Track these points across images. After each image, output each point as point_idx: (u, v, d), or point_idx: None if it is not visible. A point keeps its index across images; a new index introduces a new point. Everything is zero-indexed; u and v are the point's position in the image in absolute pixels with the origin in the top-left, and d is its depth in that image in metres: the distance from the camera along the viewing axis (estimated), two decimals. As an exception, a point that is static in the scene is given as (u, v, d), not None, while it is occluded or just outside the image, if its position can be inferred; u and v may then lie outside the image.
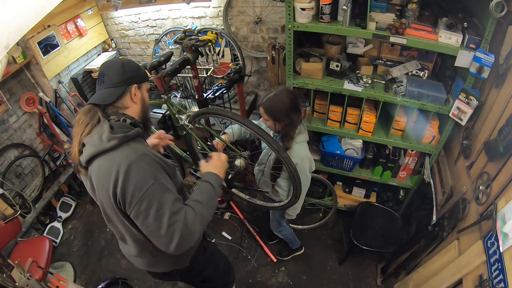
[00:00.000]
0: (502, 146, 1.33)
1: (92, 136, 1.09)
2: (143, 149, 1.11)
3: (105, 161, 1.07)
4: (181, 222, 1.04)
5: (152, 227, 1.04)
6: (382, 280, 2.39)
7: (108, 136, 1.06)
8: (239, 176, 1.90)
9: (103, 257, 2.81)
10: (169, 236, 1.02)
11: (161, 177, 1.07)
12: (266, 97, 1.66)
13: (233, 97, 3.02)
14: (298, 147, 1.72)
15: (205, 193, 1.20)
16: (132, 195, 1.03)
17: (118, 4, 2.91)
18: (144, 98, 1.24)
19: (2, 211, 2.33)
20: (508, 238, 1.16)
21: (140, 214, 1.04)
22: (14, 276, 1.55)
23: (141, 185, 1.03)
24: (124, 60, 1.20)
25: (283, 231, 2.39)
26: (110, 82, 1.15)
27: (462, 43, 1.60)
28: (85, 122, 1.11)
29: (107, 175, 1.05)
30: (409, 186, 2.39)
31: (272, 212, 2.27)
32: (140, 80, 1.21)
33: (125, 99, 1.17)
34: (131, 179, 1.03)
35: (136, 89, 1.19)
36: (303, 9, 1.77)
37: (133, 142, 1.12)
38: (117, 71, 1.15)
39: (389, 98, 1.94)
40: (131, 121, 1.18)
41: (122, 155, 1.06)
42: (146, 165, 1.06)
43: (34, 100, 2.88)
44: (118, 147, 1.07)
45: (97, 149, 1.06)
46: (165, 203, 1.04)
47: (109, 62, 1.20)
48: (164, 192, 1.06)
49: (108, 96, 1.14)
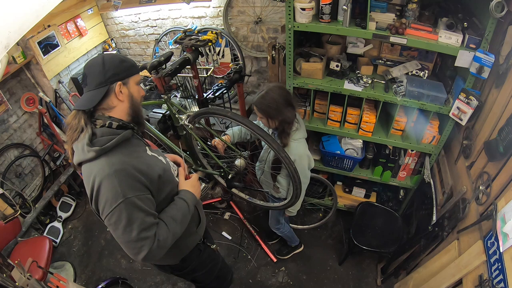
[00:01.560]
0: (502, 146, 1.33)
1: (77, 144, 1.10)
2: (119, 163, 1.07)
3: (86, 170, 1.10)
4: (151, 238, 1.07)
5: (121, 239, 1.08)
6: (382, 280, 2.39)
7: (86, 148, 1.06)
8: (239, 176, 1.90)
9: (103, 257, 2.81)
10: (137, 250, 1.07)
11: (132, 196, 1.05)
12: (258, 95, 1.67)
13: (233, 97, 3.02)
14: (296, 144, 1.72)
15: (180, 211, 1.22)
16: (103, 209, 1.06)
17: (118, 4, 2.91)
18: (131, 94, 1.17)
19: (2, 211, 2.33)
20: (508, 238, 1.16)
21: (109, 225, 1.08)
22: (14, 276, 1.55)
23: (111, 202, 1.04)
24: (106, 56, 1.12)
25: (281, 228, 2.39)
26: (92, 83, 1.09)
27: (462, 43, 1.60)
28: (73, 127, 1.11)
29: (87, 183, 1.09)
30: (409, 186, 2.39)
31: (271, 210, 2.27)
32: (124, 75, 1.13)
33: (110, 99, 1.12)
34: (101, 195, 1.05)
35: (121, 87, 1.12)
36: (303, 9, 1.77)
37: (112, 153, 1.09)
38: (98, 71, 1.09)
39: (389, 98, 1.94)
40: (118, 123, 1.13)
41: (97, 168, 1.06)
42: (117, 182, 1.04)
43: (34, 100, 2.88)
44: (96, 158, 1.07)
45: (79, 158, 1.09)
46: (134, 221, 1.05)
47: (91, 61, 1.12)
48: (134, 210, 1.05)
49: (90, 100, 1.09)
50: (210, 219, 3.03)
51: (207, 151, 1.87)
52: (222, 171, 1.90)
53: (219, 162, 1.88)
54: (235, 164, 1.86)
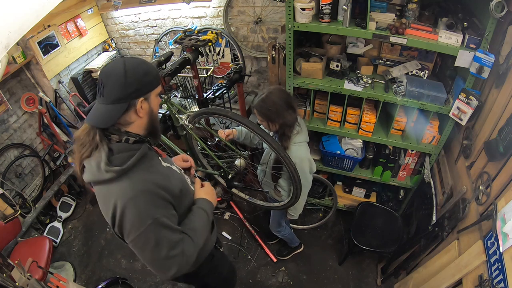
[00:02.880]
0: (502, 146, 1.33)
1: (91, 161, 1.00)
2: (143, 182, 1.00)
3: (103, 191, 1.01)
4: (179, 255, 1.03)
5: (149, 260, 1.03)
6: (382, 280, 2.39)
7: (104, 167, 0.96)
8: (239, 176, 1.90)
9: (103, 257, 2.81)
10: (166, 269, 1.03)
11: (159, 215, 1.00)
12: (258, 98, 1.65)
13: (233, 97, 3.02)
14: (296, 147, 1.71)
15: (201, 221, 1.18)
16: (129, 233, 0.99)
17: (118, 4, 2.91)
18: (152, 109, 1.06)
19: (2, 211, 2.33)
20: (508, 238, 1.16)
21: (136, 248, 1.02)
22: (14, 276, 1.55)
23: (138, 226, 0.97)
24: (128, 65, 0.97)
25: (282, 231, 2.39)
26: (110, 97, 0.96)
27: (462, 43, 1.60)
28: (84, 143, 1.00)
29: (105, 205, 1.01)
30: (409, 186, 2.39)
31: (272, 213, 2.27)
32: (147, 90, 1.02)
33: (128, 115, 1.01)
34: (126, 220, 0.98)
35: (142, 103, 1.00)
36: (303, 9, 1.77)
37: (134, 172, 1.01)
38: (118, 84, 0.95)
39: (389, 98, 1.94)
40: (135, 138, 1.04)
41: (118, 190, 0.98)
42: (143, 204, 0.98)
43: (34, 100, 2.88)
44: (115, 180, 0.98)
45: (94, 178, 1.00)
46: (162, 240, 1.00)
47: (110, 68, 0.98)
48: (162, 229, 1.00)
49: (108, 116, 0.97)
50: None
51: (207, 151, 1.87)
52: (222, 171, 1.90)
53: (219, 162, 1.88)
54: (235, 164, 1.86)
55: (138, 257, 1.07)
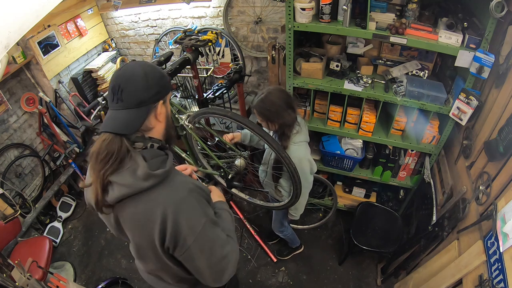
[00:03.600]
0: (502, 146, 1.33)
1: (122, 173, 0.89)
2: (186, 182, 0.96)
3: (143, 203, 0.91)
4: (230, 253, 1.01)
5: (205, 265, 0.98)
6: (382, 280, 2.39)
7: (145, 173, 0.88)
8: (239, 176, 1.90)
9: (103, 257, 2.81)
10: (222, 270, 1.00)
11: (210, 213, 0.98)
12: (258, 98, 1.65)
13: (233, 97, 3.02)
14: (295, 147, 1.70)
15: (231, 222, 1.18)
16: (186, 238, 0.92)
17: (118, 4, 2.91)
18: (168, 114, 1.03)
19: (2, 211, 2.33)
20: (508, 238, 1.16)
21: (192, 255, 0.96)
22: (14, 276, 1.55)
23: (195, 226, 0.93)
24: (147, 68, 0.94)
25: (284, 231, 2.39)
26: (132, 101, 0.91)
27: (462, 43, 1.60)
28: (106, 157, 0.88)
29: (148, 219, 0.92)
30: (409, 186, 2.39)
31: (275, 213, 2.27)
32: (166, 93, 0.99)
33: (149, 120, 0.96)
34: (182, 222, 0.91)
35: (161, 106, 0.97)
36: (303, 9, 1.77)
37: (173, 175, 0.96)
38: (140, 87, 0.91)
39: (389, 98, 1.94)
40: (158, 144, 1.00)
41: (165, 195, 0.91)
42: (195, 202, 0.94)
43: (34, 100, 2.88)
44: (156, 186, 0.91)
45: (131, 190, 0.89)
46: (217, 239, 0.98)
47: (127, 72, 0.93)
48: (214, 228, 0.98)
49: (131, 121, 0.92)
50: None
51: (207, 151, 1.87)
52: (222, 171, 1.90)
53: (219, 162, 1.87)
54: (235, 164, 1.86)
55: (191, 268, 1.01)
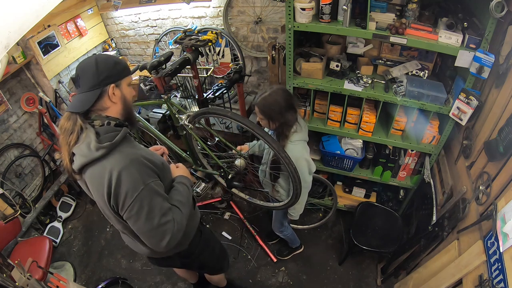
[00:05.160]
0: (502, 146, 1.33)
1: (80, 146, 1.09)
2: (132, 154, 1.12)
3: (96, 169, 1.09)
4: (171, 222, 1.14)
5: (143, 229, 1.12)
6: (382, 280, 2.39)
7: (95, 145, 1.06)
8: (239, 176, 1.90)
9: (103, 256, 2.81)
10: (160, 236, 1.12)
11: (151, 181, 1.11)
12: (261, 96, 1.66)
13: (233, 97, 3.02)
14: (292, 146, 1.69)
15: (184, 194, 1.30)
16: (124, 200, 1.08)
17: (118, 4, 2.91)
18: (124, 96, 1.19)
19: (2, 211, 2.33)
20: (508, 238, 1.16)
21: (131, 217, 1.11)
22: (14, 276, 1.55)
23: (132, 190, 1.07)
24: (99, 58, 1.12)
25: (285, 231, 2.38)
26: (86, 85, 1.10)
27: (462, 43, 1.60)
28: (68, 130, 1.10)
29: (100, 182, 1.09)
30: (409, 186, 2.39)
31: (275, 213, 2.27)
32: (117, 78, 1.15)
33: (103, 101, 1.13)
34: (122, 186, 1.07)
35: (114, 89, 1.13)
36: (303, 9, 1.77)
37: (122, 147, 1.12)
38: (91, 73, 1.09)
39: (389, 98, 1.94)
40: (116, 122, 1.16)
41: (112, 162, 1.08)
42: (135, 171, 1.08)
43: (34, 100, 2.88)
44: (107, 155, 1.08)
45: (87, 159, 1.08)
46: (155, 206, 1.11)
47: (84, 62, 1.13)
48: (154, 195, 1.11)
49: (84, 102, 1.10)
50: (210, 219, 3.03)
51: (207, 151, 1.87)
52: (222, 171, 1.90)
53: (219, 162, 1.88)
54: (235, 164, 1.86)
55: (134, 229, 1.15)
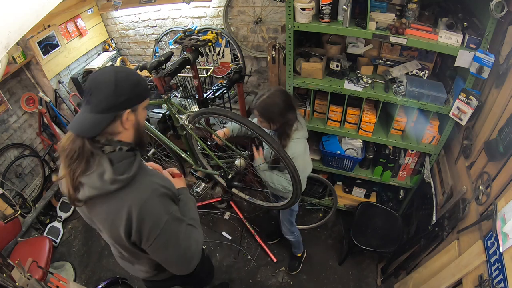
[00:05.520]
0: (502, 146, 1.33)
1: (91, 175, 0.96)
2: (150, 184, 1.04)
3: (111, 203, 1.00)
4: (194, 244, 1.11)
5: (172, 258, 1.09)
6: (382, 280, 2.39)
7: (110, 178, 0.95)
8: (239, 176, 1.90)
9: (103, 257, 2.81)
10: (188, 260, 1.11)
11: (173, 210, 1.06)
12: (259, 99, 1.64)
13: (233, 97, 3.02)
14: (294, 144, 1.70)
15: (195, 209, 1.28)
16: (149, 235, 1.01)
17: (118, 4, 2.91)
18: (138, 122, 1.06)
19: (2, 211, 2.33)
20: (508, 238, 1.16)
21: (158, 249, 1.06)
22: (14, 276, 1.55)
23: (157, 224, 1.01)
24: (119, 75, 0.96)
25: (295, 232, 2.32)
26: (98, 106, 0.94)
27: (462, 43, 1.60)
28: (73, 155, 0.95)
29: (116, 217, 1.00)
30: (409, 186, 2.39)
31: (282, 214, 2.22)
32: (136, 102, 1.01)
33: (115, 126, 0.99)
34: (145, 221, 0.99)
35: (129, 114, 0.99)
36: (303, 9, 1.77)
37: (139, 177, 1.03)
38: (107, 93, 0.93)
39: (389, 98, 1.94)
40: (128, 147, 1.04)
41: (130, 197, 0.98)
42: (157, 203, 1.02)
43: (34, 100, 2.88)
44: (123, 188, 0.98)
45: (99, 192, 0.97)
46: (179, 234, 1.07)
47: (100, 76, 0.96)
48: (177, 223, 1.07)
49: (95, 125, 0.95)
50: (210, 219, 3.03)
51: (207, 151, 1.87)
52: (222, 171, 1.90)
53: (219, 162, 1.87)
54: (235, 164, 1.86)
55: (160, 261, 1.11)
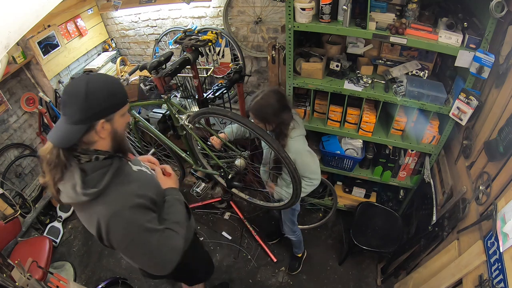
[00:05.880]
0: (502, 146, 1.33)
1: (65, 184, 1.00)
2: (121, 197, 1.02)
3: (85, 211, 1.04)
4: (169, 252, 1.09)
5: (144, 265, 1.11)
6: (382, 280, 2.39)
7: (81, 191, 0.96)
8: (239, 176, 1.90)
9: (103, 256, 2.81)
10: (162, 266, 1.09)
11: (143, 222, 1.03)
12: (254, 101, 1.64)
13: (233, 97, 3.02)
14: (293, 142, 1.69)
15: (180, 212, 1.23)
16: (118, 245, 1.05)
17: (118, 4, 2.91)
18: (115, 130, 1.05)
19: (2, 211, 2.33)
20: (508, 238, 1.16)
21: (128, 257, 1.10)
22: (14, 276, 1.55)
23: (126, 237, 1.02)
24: (90, 87, 0.94)
25: (297, 231, 2.32)
26: (72, 117, 0.95)
27: (462, 43, 1.60)
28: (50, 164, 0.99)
29: (89, 224, 1.06)
30: (409, 186, 2.39)
31: (283, 214, 2.22)
32: (109, 112, 1.00)
33: (90, 135, 1.00)
34: (112, 233, 1.01)
35: (103, 124, 0.99)
36: (303, 9, 1.77)
37: (110, 189, 1.02)
38: (79, 105, 0.93)
39: (389, 98, 1.94)
40: (105, 156, 1.04)
41: (100, 210, 1.00)
42: (127, 214, 1.01)
43: (34, 100, 2.88)
44: (95, 200, 0.99)
45: (72, 200, 1.00)
46: (151, 244, 1.04)
47: (72, 86, 0.96)
48: (148, 235, 1.04)
49: (69, 136, 0.96)
50: (210, 219, 3.03)
51: (207, 151, 1.87)
52: (222, 171, 1.90)
53: (219, 162, 1.88)
54: (235, 164, 1.86)
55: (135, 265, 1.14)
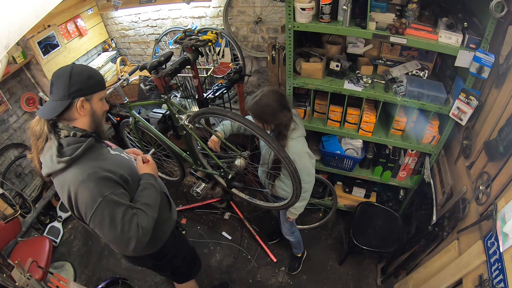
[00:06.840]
0: (502, 146, 1.33)
1: (45, 155, 1.15)
2: (90, 167, 1.13)
3: (58, 181, 1.15)
4: (135, 228, 1.15)
5: (108, 237, 1.15)
6: (382, 280, 2.39)
7: (56, 159, 1.10)
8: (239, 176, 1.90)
9: (103, 256, 2.81)
10: (125, 243, 1.14)
11: (108, 193, 1.12)
12: (253, 101, 1.64)
13: (233, 97, 3.02)
14: (293, 143, 1.69)
15: (151, 196, 1.30)
16: (85, 213, 1.12)
17: (118, 4, 2.91)
18: (94, 110, 1.21)
19: (2, 211, 2.33)
20: (508, 238, 1.16)
21: (95, 227, 1.15)
22: (14, 276, 1.54)
23: (91, 204, 1.10)
24: (75, 69, 1.14)
25: (295, 232, 2.32)
26: (56, 94, 1.12)
27: (462, 43, 1.60)
28: (36, 134, 1.15)
29: (62, 193, 1.15)
30: (409, 186, 2.39)
31: (282, 215, 2.22)
32: (89, 92, 1.17)
33: (71, 112, 1.15)
34: (80, 201, 1.11)
35: (83, 102, 1.15)
36: (303, 9, 1.77)
37: (82, 160, 1.14)
38: (63, 84, 1.11)
39: (389, 98, 1.94)
40: (82, 133, 1.18)
41: (70, 177, 1.11)
42: (92, 184, 1.10)
43: (34, 100, 2.88)
44: (66, 168, 1.12)
45: (49, 170, 1.13)
46: (116, 216, 1.12)
47: (59, 71, 1.15)
48: (114, 206, 1.12)
49: (52, 110, 1.13)
50: (210, 219, 3.03)
51: (207, 151, 1.87)
52: (222, 171, 1.90)
53: (219, 162, 1.87)
54: (235, 164, 1.86)
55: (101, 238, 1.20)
